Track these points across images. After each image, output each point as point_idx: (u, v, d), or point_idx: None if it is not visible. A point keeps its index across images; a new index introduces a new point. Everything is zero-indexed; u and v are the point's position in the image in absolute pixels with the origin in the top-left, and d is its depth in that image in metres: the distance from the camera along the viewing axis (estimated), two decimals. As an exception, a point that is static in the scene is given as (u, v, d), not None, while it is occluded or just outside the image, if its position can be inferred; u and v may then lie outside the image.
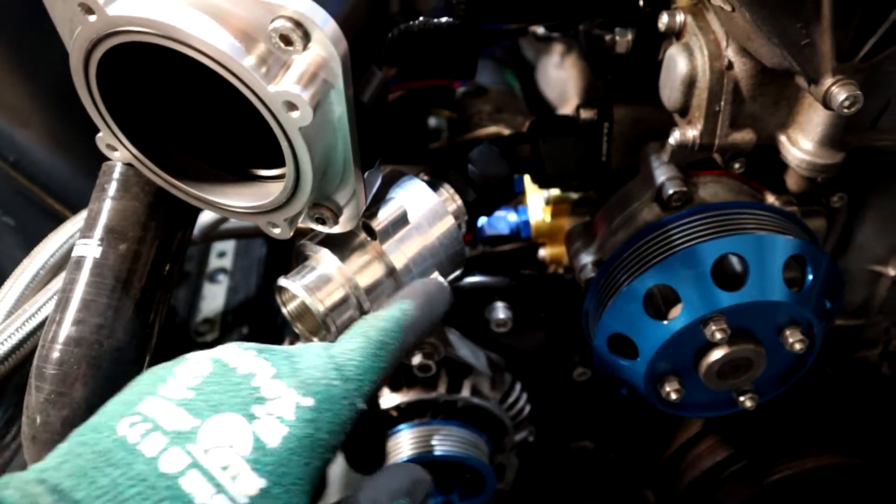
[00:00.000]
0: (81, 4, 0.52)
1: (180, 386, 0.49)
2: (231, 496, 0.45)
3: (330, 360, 0.52)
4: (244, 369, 0.51)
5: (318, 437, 0.49)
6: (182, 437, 0.46)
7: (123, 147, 0.63)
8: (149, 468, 0.45)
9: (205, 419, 0.47)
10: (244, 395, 0.49)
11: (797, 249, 0.72)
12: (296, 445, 0.48)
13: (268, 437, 0.47)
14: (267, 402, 0.49)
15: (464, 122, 1.10)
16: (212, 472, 0.45)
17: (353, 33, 0.52)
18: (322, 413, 0.49)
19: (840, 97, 0.57)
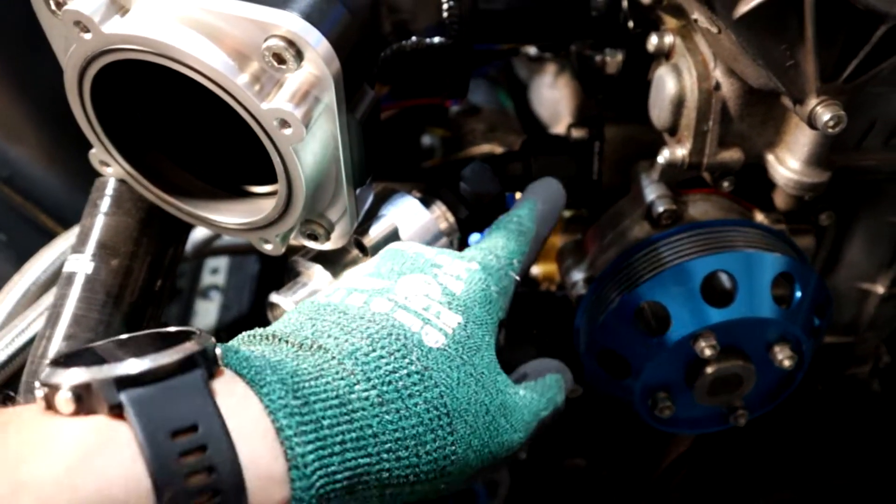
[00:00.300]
0: (77, 23, 0.53)
1: (361, 270, 0.57)
2: (438, 327, 0.51)
3: (478, 246, 0.61)
4: (412, 251, 0.58)
5: (489, 291, 0.56)
6: (381, 292, 0.53)
7: (116, 163, 0.64)
8: (362, 310, 0.51)
9: (396, 280, 0.54)
10: (421, 263, 0.56)
11: (785, 267, 0.73)
12: (476, 295, 0.55)
13: (453, 287, 0.54)
14: (442, 267, 0.56)
15: (457, 140, 1.10)
16: (416, 310, 0.52)
17: (345, 52, 0.53)
18: (488, 274, 0.57)
19: (824, 117, 0.58)
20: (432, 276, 0.55)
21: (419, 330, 0.50)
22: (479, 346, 0.53)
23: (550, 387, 0.59)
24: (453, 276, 0.55)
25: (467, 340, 0.52)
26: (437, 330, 0.51)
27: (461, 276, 0.55)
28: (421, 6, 0.66)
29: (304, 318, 0.51)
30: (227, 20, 0.52)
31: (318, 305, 0.52)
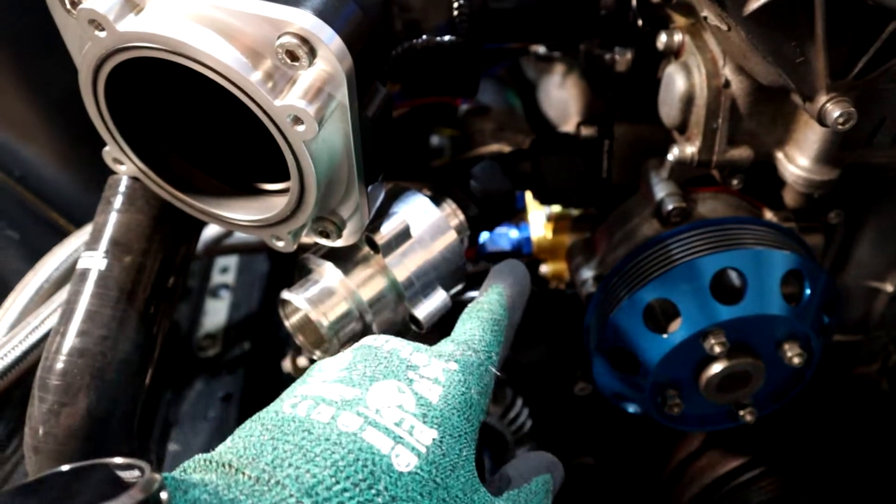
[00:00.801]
0: (92, 21, 0.53)
1: (331, 370, 0.52)
2: (410, 446, 0.47)
3: (453, 340, 0.56)
4: (387, 347, 0.54)
5: (470, 394, 0.52)
6: (351, 404, 0.48)
7: (130, 161, 0.64)
8: (328, 428, 0.46)
9: (367, 388, 0.50)
10: (396, 365, 0.52)
11: (795, 264, 0.73)
12: (454, 402, 0.50)
13: (428, 395, 0.50)
14: (419, 368, 0.52)
15: (466, 139, 1.11)
16: (388, 426, 0.47)
17: (357, 50, 0.53)
18: (467, 375, 0.52)
19: (834, 114, 0.58)
20: (407, 382, 0.50)
21: (389, 452, 0.46)
22: (456, 464, 0.48)
23: (536, 493, 0.54)
24: (430, 380, 0.51)
25: (442, 459, 0.47)
26: (410, 450, 0.47)
27: (439, 378, 0.51)
28: (431, 5, 0.66)
29: (266, 437, 0.47)
30: (241, 18, 0.53)
31: (282, 420, 0.48)
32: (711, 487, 0.94)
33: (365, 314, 0.67)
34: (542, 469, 0.56)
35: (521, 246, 1.02)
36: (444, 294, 0.69)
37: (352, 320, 0.67)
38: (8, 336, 0.73)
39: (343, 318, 0.67)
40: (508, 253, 1.03)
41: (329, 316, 0.66)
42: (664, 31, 0.72)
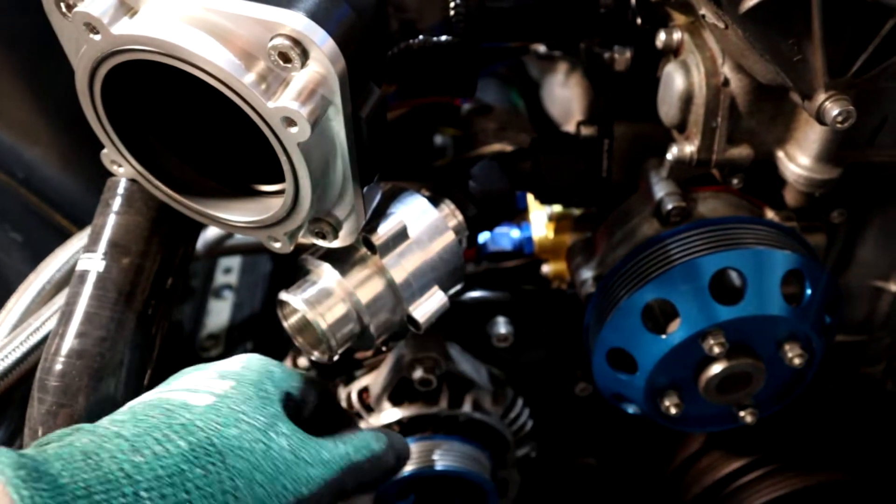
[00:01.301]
0: (87, 24, 0.54)
1: None
2: (205, 391, 0.55)
3: None
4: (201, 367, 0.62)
5: (267, 377, 0.59)
6: (157, 390, 0.59)
7: (127, 163, 0.64)
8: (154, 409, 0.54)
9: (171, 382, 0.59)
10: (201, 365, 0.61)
11: (795, 264, 0.72)
12: (251, 372, 0.59)
13: (229, 367, 0.59)
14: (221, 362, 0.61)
15: (468, 139, 1.11)
16: (185, 388, 0.56)
17: (350, 51, 0.53)
18: (268, 363, 0.62)
19: (833, 112, 0.57)
20: (206, 368, 0.59)
21: (184, 398, 0.54)
22: (253, 399, 0.56)
23: (363, 438, 0.61)
24: (233, 361, 0.60)
25: (238, 396, 0.55)
26: (205, 393, 0.54)
27: (242, 359, 0.60)
28: (427, 5, 0.66)
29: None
30: (234, 20, 0.53)
31: None
32: (713, 488, 0.93)
33: (363, 315, 0.67)
34: (376, 430, 0.64)
35: (522, 246, 1.02)
36: (441, 295, 0.69)
37: (350, 321, 0.67)
38: (9, 337, 0.74)
39: (341, 319, 0.66)
40: (510, 253, 1.02)
41: (326, 317, 0.66)
42: (663, 29, 0.72)
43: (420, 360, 0.86)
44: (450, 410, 0.89)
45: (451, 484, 0.91)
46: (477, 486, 0.90)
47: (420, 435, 0.89)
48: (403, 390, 0.90)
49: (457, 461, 0.87)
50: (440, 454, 0.87)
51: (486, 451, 0.92)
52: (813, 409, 0.93)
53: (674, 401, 0.76)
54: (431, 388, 0.88)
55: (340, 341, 0.67)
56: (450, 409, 0.89)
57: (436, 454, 0.87)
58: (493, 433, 0.92)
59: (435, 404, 0.89)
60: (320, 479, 0.55)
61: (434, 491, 0.91)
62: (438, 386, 0.89)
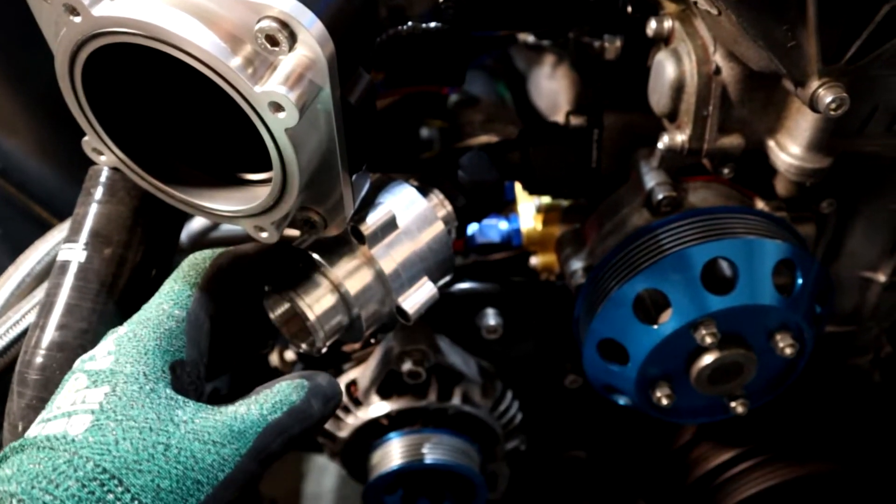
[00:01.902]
0: (66, 5, 0.52)
1: None
2: (82, 411, 0.49)
3: None
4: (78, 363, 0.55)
5: (143, 343, 0.54)
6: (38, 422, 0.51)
7: (109, 151, 0.63)
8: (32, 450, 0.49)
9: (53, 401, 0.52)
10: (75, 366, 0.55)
11: (787, 254, 0.72)
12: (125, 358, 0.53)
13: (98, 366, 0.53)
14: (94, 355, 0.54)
15: (456, 131, 1.10)
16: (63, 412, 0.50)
17: (339, 34, 0.52)
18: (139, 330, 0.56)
19: (826, 99, 0.57)
20: (81, 371, 0.53)
21: (63, 429, 0.48)
22: (137, 398, 0.50)
23: (279, 391, 0.56)
24: (102, 356, 0.53)
25: (119, 402, 0.50)
26: (82, 413, 0.49)
27: (110, 349, 0.54)
28: (417, -10, 0.65)
29: None
30: (220, 2, 0.51)
31: None
32: (704, 479, 0.93)
33: (351, 306, 0.66)
34: (293, 377, 0.57)
35: (510, 238, 1.01)
36: (431, 286, 0.68)
37: (338, 312, 0.66)
38: (-12, 330, 0.72)
39: (329, 310, 0.65)
40: (498, 245, 1.02)
41: (314, 308, 0.65)
42: (654, 17, 0.71)
43: (409, 352, 0.86)
44: (439, 403, 0.88)
45: (440, 477, 0.90)
46: (466, 479, 0.90)
47: (409, 428, 0.88)
48: (392, 383, 0.89)
49: (446, 455, 0.87)
50: (429, 448, 0.87)
51: (475, 444, 0.91)
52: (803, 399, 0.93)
53: (665, 392, 0.76)
54: (420, 381, 0.87)
55: (329, 333, 0.66)
56: (439, 402, 0.88)
57: (425, 448, 0.86)
58: (483, 426, 0.92)
59: (424, 397, 0.88)
60: (236, 455, 0.51)
61: (423, 485, 0.90)
62: (427, 379, 0.88)
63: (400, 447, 0.87)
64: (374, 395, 0.89)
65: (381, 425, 0.90)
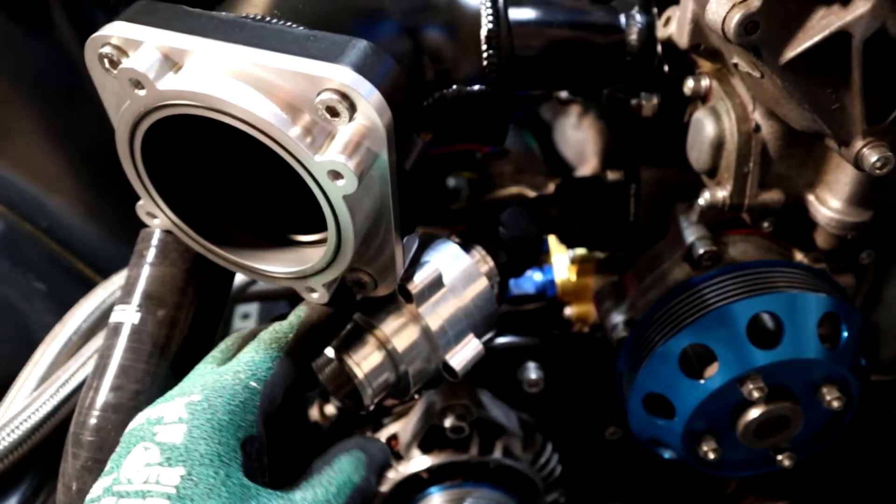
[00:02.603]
0: (132, 79, 0.54)
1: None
2: (159, 493, 0.48)
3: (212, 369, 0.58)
4: (139, 419, 0.55)
5: (216, 418, 0.52)
6: (107, 489, 0.50)
7: (163, 214, 0.64)
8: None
9: (119, 465, 0.51)
10: (144, 430, 0.53)
11: (831, 307, 0.72)
12: (199, 433, 0.51)
13: (172, 439, 0.51)
14: (163, 418, 0.53)
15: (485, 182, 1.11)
16: (137, 489, 0.49)
17: (395, 103, 0.54)
18: (213, 400, 0.53)
19: (872, 159, 0.58)
20: (150, 437, 0.52)
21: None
22: (213, 486, 0.49)
23: (341, 470, 0.56)
24: (174, 423, 0.52)
25: (195, 488, 0.49)
26: (157, 497, 0.48)
27: (182, 416, 0.53)
28: (462, 55, 0.67)
29: None
30: (279, 74, 0.53)
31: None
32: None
33: (399, 364, 0.66)
34: (350, 448, 0.58)
35: (545, 289, 1.02)
36: (477, 342, 0.69)
37: (385, 370, 0.66)
38: (38, 391, 0.73)
39: (377, 368, 0.66)
40: (532, 296, 1.02)
41: (363, 366, 0.65)
42: (691, 76, 0.72)
43: (451, 407, 0.86)
44: (480, 457, 0.88)
45: (481, 532, 0.89)
46: (507, 534, 0.89)
47: (450, 482, 0.87)
48: (433, 437, 0.89)
49: (487, 509, 0.86)
50: (471, 502, 0.86)
51: (515, 497, 0.90)
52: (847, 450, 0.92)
53: (711, 446, 0.75)
54: (463, 436, 0.87)
55: (377, 391, 0.66)
56: (480, 456, 0.88)
57: (466, 502, 0.86)
58: (524, 479, 0.91)
59: (465, 451, 0.88)
60: None
61: (465, 540, 0.89)
62: (469, 432, 0.88)
63: (441, 501, 0.87)
64: (416, 449, 0.89)
65: (422, 479, 0.90)
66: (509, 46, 0.69)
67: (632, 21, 0.73)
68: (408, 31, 0.65)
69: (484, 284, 0.70)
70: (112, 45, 0.54)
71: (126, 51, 0.54)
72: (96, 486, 0.51)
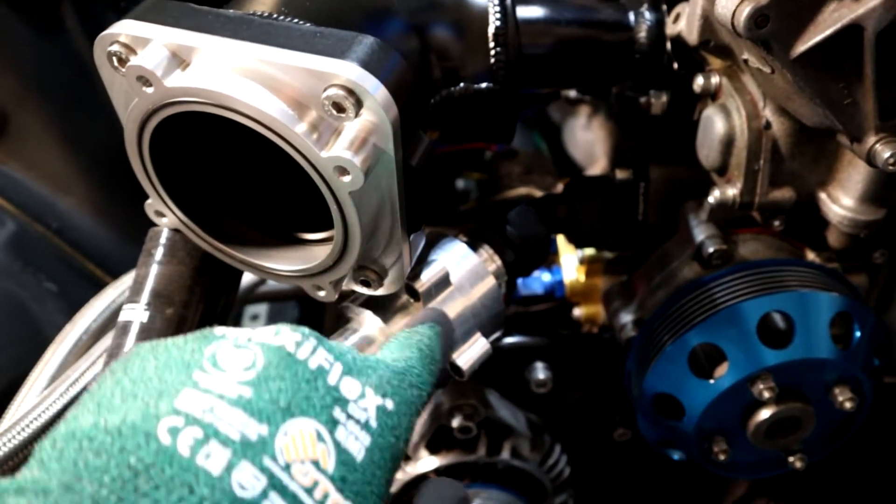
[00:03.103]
0: (140, 77, 0.54)
1: (229, 379, 0.39)
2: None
3: (389, 365, 0.47)
4: (314, 363, 0.41)
5: (397, 446, 0.43)
6: (253, 449, 0.36)
7: (171, 213, 0.64)
8: (216, 491, 0.34)
9: (278, 425, 0.38)
10: (321, 394, 0.40)
11: (843, 306, 0.71)
12: (379, 458, 0.41)
13: (353, 449, 0.40)
14: (349, 404, 0.41)
15: (494, 183, 1.11)
16: (296, 493, 0.36)
17: (402, 99, 0.53)
18: (402, 418, 0.43)
19: (884, 154, 0.57)
20: (330, 424, 0.40)
21: None
22: None
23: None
24: (359, 425, 0.41)
25: None
26: None
27: (370, 423, 0.42)
28: (469, 53, 0.67)
29: (128, 487, 0.33)
30: (286, 71, 0.53)
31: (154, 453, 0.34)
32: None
33: (406, 363, 0.66)
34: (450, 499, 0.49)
35: (553, 290, 1.01)
36: (484, 341, 0.68)
37: (392, 369, 0.66)
38: (49, 389, 0.73)
39: (384, 367, 0.66)
40: (541, 296, 1.02)
41: (370, 365, 0.65)
42: (700, 73, 0.72)
43: (459, 406, 0.85)
44: (488, 458, 0.87)
45: (489, 534, 0.89)
46: (516, 535, 0.89)
47: (458, 484, 0.87)
48: (441, 438, 0.88)
49: (496, 510, 0.86)
50: (479, 503, 0.85)
51: (523, 498, 0.90)
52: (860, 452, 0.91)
53: (722, 447, 0.74)
54: (471, 436, 0.87)
55: (384, 390, 0.66)
56: (488, 457, 0.87)
57: (474, 503, 0.85)
58: (532, 480, 0.91)
59: (473, 452, 0.87)
60: None
61: (473, 542, 0.89)
62: (477, 433, 0.87)
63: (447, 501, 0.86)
64: (423, 449, 0.88)
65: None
66: (517, 44, 0.68)
67: (641, 18, 0.73)
68: (415, 29, 0.65)
69: (491, 283, 0.69)
70: (120, 43, 0.55)
71: (134, 48, 0.55)
72: (218, 403, 0.36)
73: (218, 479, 0.34)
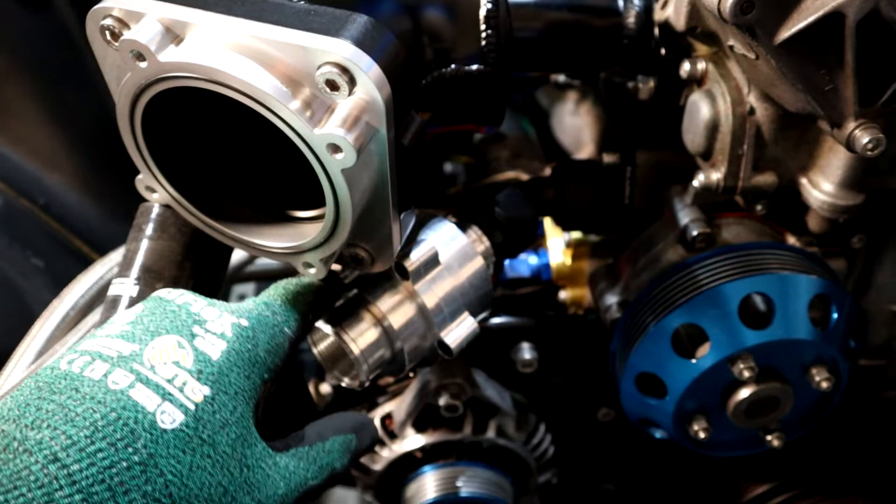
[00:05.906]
0: (133, 52, 0.54)
1: (118, 324, 0.51)
2: (179, 403, 0.46)
3: (254, 300, 0.58)
4: (180, 300, 0.53)
5: (256, 352, 0.52)
6: (126, 360, 0.47)
7: (162, 189, 0.65)
8: (97, 386, 0.45)
9: (146, 343, 0.49)
10: (183, 319, 0.51)
11: (822, 289, 0.73)
12: (236, 359, 0.50)
13: (209, 352, 0.50)
14: (206, 323, 0.52)
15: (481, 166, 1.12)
16: (158, 383, 0.46)
17: (395, 78, 0.54)
18: (258, 332, 0.53)
19: (863, 140, 0.59)
20: (189, 336, 0.50)
21: (155, 409, 0.45)
22: (227, 421, 0.48)
23: (329, 452, 0.55)
24: (215, 335, 0.51)
25: (212, 416, 0.47)
26: (177, 407, 0.46)
27: (226, 333, 0.51)
28: (461, 35, 0.67)
29: (34, 396, 0.45)
30: (280, 48, 0.53)
31: (55, 377, 0.46)
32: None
33: (394, 340, 0.67)
34: (346, 429, 0.57)
35: (540, 272, 1.03)
36: (472, 320, 0.70)
37: (381, 346, 0.67)
38: (35, 364, 0.74)
39: (373, 344, 0.67)
40: (528, 279, 1.03)
41: (359, 342, 0.66)
42: (687, 59, 0.73)
43: (446, 385, 0.86)
44: (474, 436, 0.89)
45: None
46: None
47: (443, 461, 0.88)
48: (427, 416, 0.89)
49: (480, 487, 0.87)
50: (464, 480, 0.87)
51: (508, 476, 0.91)
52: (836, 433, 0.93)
53: (702, 425, 0.76)
54: (457, 414, 0.88)
55: (372, 367, 0.67)
56: (474, 436, 0.89)
57: (459, 480, 0.87)
58: (517, 459, 0.92)
59: (459, 430, 0.89)
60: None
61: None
62: (463, 412, 0.88)
63: (434, 480, 0.88)
64: (410, 428, 0.89)
65: (416, 458, 0.91)
66: (508, 27, 0.69)
67: (629, 4, 0.74)
68: (408, 10, 0.66)
69: (480, 264, 0.70)
70: (114, 17, 0.55)
71: (127, 23, 0.55)
72: (104, 340, 0.49)
73: (98, 382, 0.46)
